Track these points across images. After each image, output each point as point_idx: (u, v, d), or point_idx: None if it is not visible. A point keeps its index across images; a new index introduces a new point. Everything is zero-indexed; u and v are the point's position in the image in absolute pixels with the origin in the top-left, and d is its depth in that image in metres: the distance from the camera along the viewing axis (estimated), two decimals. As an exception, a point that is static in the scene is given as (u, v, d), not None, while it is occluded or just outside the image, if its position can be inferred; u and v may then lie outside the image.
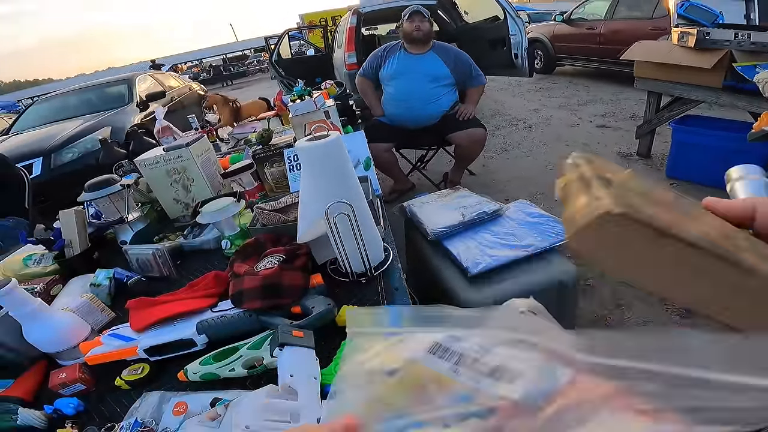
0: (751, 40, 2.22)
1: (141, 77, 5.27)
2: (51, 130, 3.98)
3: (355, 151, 1.32)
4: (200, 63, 27.48)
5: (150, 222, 1.36)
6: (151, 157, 1.38)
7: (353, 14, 4.55)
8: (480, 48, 4.44)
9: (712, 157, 2.59)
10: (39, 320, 0.83)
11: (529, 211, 1.56)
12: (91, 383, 0.81)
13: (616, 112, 4.70)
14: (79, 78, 50.17)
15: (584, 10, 6.61)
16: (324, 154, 0.81)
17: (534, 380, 0.23)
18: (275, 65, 5.99)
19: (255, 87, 15.11)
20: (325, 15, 11.84)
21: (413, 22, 2.51)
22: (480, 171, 3.50)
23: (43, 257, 1.24)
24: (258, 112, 2.53)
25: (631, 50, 3.06)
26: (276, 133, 1.95)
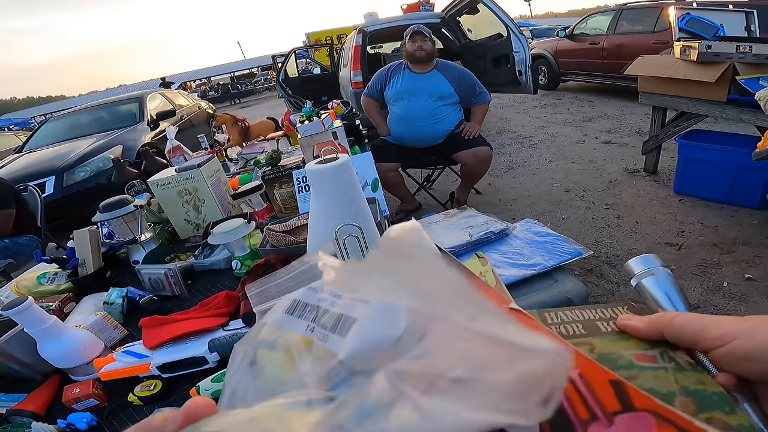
0: (753, 52, 2.24)
1: (151, 95, 5.38)
2: (63, 149, 4.05)
3: (362, 172, 1.34)
4: (209, 81, 27.98)
5: (162, 242, 1.39)
6: (163, 177, 1.41)
7: (359, 33, 4.63)
8: (484, 65, 4.51)
9: (720, 172, 2.60)
10: (54, 337, 0.85)
11: (536, 230, 1.57)
12: (104, 399, 0.83)
13: (621, 128, 4.72)
14: (91, 95, 51.16)
15: (586, 25, 6.69)
16: (333, 176, 0.83)
17: (363, 332, 0.21)
18: (283, 84, 6.09)
19: (262, 105, 15.33)
20: (331, 33, 12.05)
21: (415, 41, 2.54)
22: (486, 190, 3.52)
23: (56, 275, 1.26)
24: (266, 132, 2.57)
25: (635, 65, 3.08)
26: (284, 153, 1.98)
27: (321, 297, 0.26)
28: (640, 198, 2.97)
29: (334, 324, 0.23)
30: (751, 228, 2.38)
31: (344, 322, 0.23)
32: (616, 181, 3.31)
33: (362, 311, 0.23)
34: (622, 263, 2.27)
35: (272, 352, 0.24)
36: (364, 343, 0.22)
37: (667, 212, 2.71)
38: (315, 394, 0.20)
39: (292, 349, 0.24)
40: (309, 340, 0.24)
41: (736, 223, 2.45)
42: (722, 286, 1.99)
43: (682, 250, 2.30)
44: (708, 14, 2.69)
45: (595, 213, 2.87)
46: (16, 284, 1.24)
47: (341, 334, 0.23)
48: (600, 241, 2.52)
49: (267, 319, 0.26)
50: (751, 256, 2.15)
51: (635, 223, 2.65)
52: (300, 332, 0.24)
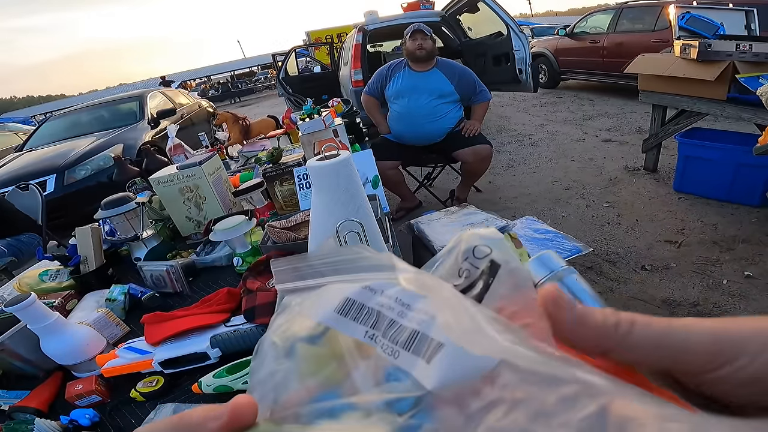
0: (752, 50, 2.25)
1: (152, 94, 5.38)
2: (64, 147, 4.07)
3: (363, 169, 1.34)
4: (209, 80, 27.98)
5: (163, 239, 1.39)
6: (164, 175, 1.41)
7: (359, 32, 4.63)
8: (484, 64, 4.51)
9: (719, 170, 2.60)
10: (57, 333, 0.86)
11: (536, 227, 1.58)
12: (106, 395, 0.83)
13: (621, 126, 4.72)
14: (91, 94, 51.14)
15: (587, 24, 6.69)
16: (335, 173, 0.83)
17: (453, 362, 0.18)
18: (283, 82, 6.09)
19: (262, 104, 15.33)
20: (331, 32, 12.05)
21: (416, 40, 2.54)
22: (486, 188, 3.52)
23: (58, 273, 1.27)
24: (267, 130, 2.58)
25: (635, 63, 3.08)
26: (285, 151, 1.98)
27: (382, 302, 0.21)
28: (640, 196, 2.98)
29: (408, 340, 0.19)
30: (751, 226, 2.38)
31: (422, 342, 0.19)
32: (616, 179, 3.31)
33: (447, 337, 0.19)
34: (622, 261, 2.27)
35: (318, 348, 0.21)
36: (455, 373, 0.18)
37: (667, 210, 2.72)
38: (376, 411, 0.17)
39: (344, 352, 0.20)
40: (368, 349, 0.20)
41: (735, 220, 2.46)
42: (722, 284, 1.99)
43: (682, 248, 2.30)
44: (708, 13, 2.69)
45: (595, 211, 2.87)
46: (18, 281, 1.24)
47: (419, 355, 0.19)
48: (600, 238, 2.53)
49: (309, 313, 0.22)
50: (751, 253, 2.16)
51: (635, 221, 2.65)
52: (357, 337, 0.20)
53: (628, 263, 2.25)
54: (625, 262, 2.26)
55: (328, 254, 0.24)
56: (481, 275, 0.22)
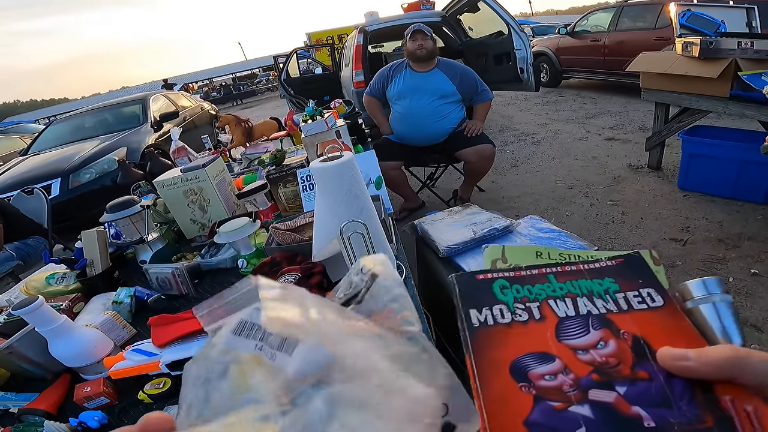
0: (754, 48, 2.24)
1: (154, 97, 5.41)
2: (68, 151, 4.09)
3: (366, 170, 1.35)
4: (211, 82, 28.08)
5: (168, 242, 1.40)
6: (168, 178, 1.42)
7: (359, 33, 4.64)
8: (485, 63, 4.51)
9: (724, 167, 2.59)
10: (65, 336, 0.86)
11: (540, 227, 1.57)
12: (114, 397, 0.84)
13: (624, 124, 4.71)
14: (94, 98, 51.35)
15: (587, 22, 6.68)
16: (338, 174, 0.84)
17: (306, 352, 0.25)
18: (284, 84, 6.11)
19: (264, 106, 15.37)
20: (332, 33, 12.06)
21: (416, 40, 2.55)
22: (489, 187, 3.52)
23: (65, 276, 1.28)
24: (270, 132, 2.58)
25: (636, 61, 3.08)
26: (288, 153, 1.99)
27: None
28: (645, 194, 2.97)
29: (280, 344, 0.27)
30: (757, 223, 2.37)
31: (289, 343, 0.27)
32: (619, 178, 3.30)
33: (304, 335, 0.27)
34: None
35: (225, 369, 0.27)
36: (306, 362, 0.26)
37: (672, 208, 2.71)
38: (269, 409, 0.24)
39: (243, 366, 0.26)
40: (258, 358, 0.26)
41: (741, 218, 2.45)
42: (728, 282, 1.98)
43: (687, 246, 2.30)
44: (709, 10, 2.68)
45: (599, 209, 2.87)
46: (26, 285, 1.25)
47: (287, 353, 0.26)
48: (604, 237, 2.52)
49: (216, 339, 0.28)
50: (757, 251, 2.15)
51: (640, 219, 2.65)
52: (249, 351, 0.27)
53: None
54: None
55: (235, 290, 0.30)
56: (365, 284, 0.31)
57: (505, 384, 0.28)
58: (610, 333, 0.30)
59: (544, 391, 0.27)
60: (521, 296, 0.33)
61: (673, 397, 0.25)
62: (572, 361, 0.29)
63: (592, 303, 0.32)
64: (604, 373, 0.28)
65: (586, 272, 0.35)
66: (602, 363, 0.28)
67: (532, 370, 0.28)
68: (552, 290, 0.34)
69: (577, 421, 0.25)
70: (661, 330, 0.30)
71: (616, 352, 0.29)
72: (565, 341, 0.30)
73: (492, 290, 0.34)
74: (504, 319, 0.32)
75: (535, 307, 0.33)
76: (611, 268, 0.35)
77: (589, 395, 0.26)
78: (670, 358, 0.26)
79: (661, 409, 0.25)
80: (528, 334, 0.31)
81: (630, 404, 0.26)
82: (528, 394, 0.27)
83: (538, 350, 0.30)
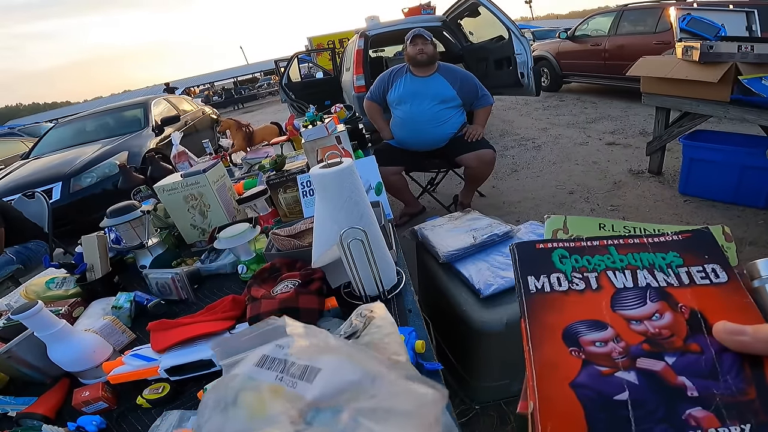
0: (755, 52, 2.24)
1: (156, 101, 5.43)
2: (70, 155, 4.10)
3: (366, 176, 1.35)
4: (212, 86, 28.16)
5: (168, 247, 1.40)
6: (168, 183, 1.42)
7: (360, 37, 4.65)
8: (486, 68, 4.52)
9: (725, 172, 2.59)
10: (64, 341, 0.86)
11: (541, 232, 1.57)
12: (113, 402, 0.84)
13: (625, 129, 4.71)
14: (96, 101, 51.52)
15: (588, 27, 6.70)
16: (338, 180, 0.84)
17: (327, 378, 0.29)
18: (285, 89, 6.12)
19: (265, 110, 15.40)
20: (333, 38, 12.11)
21: (416, 45, 2.55)
22: (490, 192, 3.52)
23: (65, 280, 1.28)
24: (270, 137, 2.59)
25: (637, 66, 3.08)
26: (288, 158, 1.99)
27: (288, 353, 0.33)
28: (645, 199, 2.97)
29: (302, 373, 0.30)
30: (758, 228, 2.37)
31: (310, 372, 0.30)
32: (620, 183, 3.30)
33: (325, 363, 0.31)
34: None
35: (245, 397, 0.30)
36: (329, 385, 0.29)
37: (673, 213, 2.70)
38: (287, 429, 0.28)
39: (263, 394, 0.30)
40: (278, 388, 0.30)
41: (742, 223, 2.44)
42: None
43: (688, 251, 2.29)
44: (709, 14, 2.69)
45: (600, 215, 2.86)
46: (25, 289, 1.25)
47: (308, 381, 0.30)
48: (604, 242, 2.51)
49: (238, 370, 0.32)
50: (758, 256, 2.08)
51: (640, 224, 2.64)
52: (270, 381, 0.30)
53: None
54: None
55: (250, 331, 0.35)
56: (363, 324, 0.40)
57: (556, 348, 0.29)
58: (667, 306, 0.30)
59: (594, 356, 0.28)
60: (580, 266, 0.34)
61: (721, 370, 0.26)
62: (624, 330, 0.29)
63: (652, 276, 0.33)
64: (655, 344, 0.28)
65: (650, 246, 0.35)
66: (655, 334, 0.29)
67: (583, 336, 0.29)
68: (612, 262, 0.34)
69: (621, 385, 0.26)
70: (720, 305, 0.30)
71: (670, 324, 0.29)
72: (620, 311, 0.31)
73: (551, 259, 0.34)
74: (561, 287, 0.33)
75: (593, 277, 0.33)
76: (677, 243, 0.35)
77: (636, 363, 0.27)
78: (725, 332, 0.27)
79: (707, 381, 0.26)
80: (583, 303, 0.31)
81: (676, 374, 0.26)
82: (577, 359, 0.28)
83: (591, 318, 0.30)
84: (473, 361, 1.45)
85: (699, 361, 0.27)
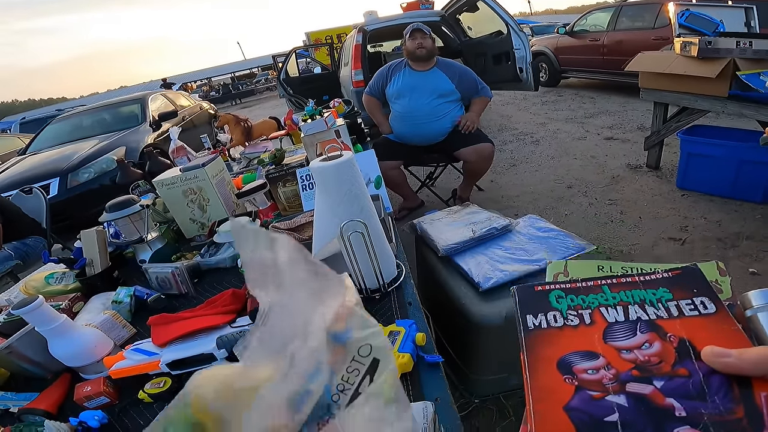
0: (753, 48, 2.24)
1: (153, 96, 5.40)
2: (67, 150, 4.08)
3: (365, 169, 1.35)
4: (209, 81, 28.02)
5: (168, 241, 1.40)
6: (167, 177, 1.42)
7: (359, 32, 4.63)
8: (484, 63, 4.51)
9: (722, 167, 2.60)
10: (65, 336, 0.86)
11: (539, 226, 1.58)
12: (114, 396, 0.84)
13: (623, 124, 4.71)
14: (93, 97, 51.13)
15: (586, 22, 6.68)
16: (338, 173, 0.84)
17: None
18: (284, 84, 6.10)
19: (263, 105, 15.34)
20: (331, 33, 12.06)
21: (415, 39, 2.54)
22: (489, 186, 3.52)
23: (64, 275, 1.28)
24: (269, 132, 2.58)
25: (635, 61, 3.08)
26: (287, 152, 1.99)
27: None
28: (643, 193, 2.97)
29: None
30: (755, 222, 2.38)
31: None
32: (618, 177, 3.31)
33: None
34: (625, 258, 2.27)
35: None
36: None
37: (671, 207, 2.71)
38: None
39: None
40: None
41: (739, 217, 2.45)
42: (726, 281, 1.98)
43: (686, 245, 2.30)
44: (707, 10, 2.68)
45: (598, 209, 2.87)
46: (25, 285, 1.25)
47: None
48: (603, 236, 2.53)
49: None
50: (755, 250, 2.15)
51: (638, 219, 2.65)
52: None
53: (632, 261, 2.24)
54: (629, 260, 2.25)
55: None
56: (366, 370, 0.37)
57: (551, 376, 0.31)
58: (657, 336, 0.32)
59: (586, 383, 0.30)
60: (575, 304, 0.37)
61: (708, 391, 0.27)
62: (615, 358, 0.31)
63: (643, 310, 0.35)
64: (644, 370, 0.30)
65: (641, 283, 0.37)
66: (644, 361, 0.30)
67: (576, 365, 0.32)
68: (605, 299, 0.36)
69: (612, 408, 0.28)
70: (709, 334, 0.31)
71: (659, 352, 0.31)
72: (611, 342, 0.33)
73: (548, 299, 0.37)
74: (557, 323, 0.35)
75: (587, 314, 0.35)
76: (666, 279, 0.37)
77: (626, 387, 0.29)
78: (712, 354, 0.29)
79: (694, 401, 0.27)
80: (577, 336, 0.34)
81: (665, 396, 0.28)
82: (571, 385, 0.30)
83: (584, 349, 0.32)
84: (472, 355, 1.45)
85: (687, 384, 0.28)
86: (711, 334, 0.31)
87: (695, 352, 0.30)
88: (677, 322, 0.33)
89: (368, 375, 0.36)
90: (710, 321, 0.32)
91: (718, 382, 0.27)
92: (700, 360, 0.29)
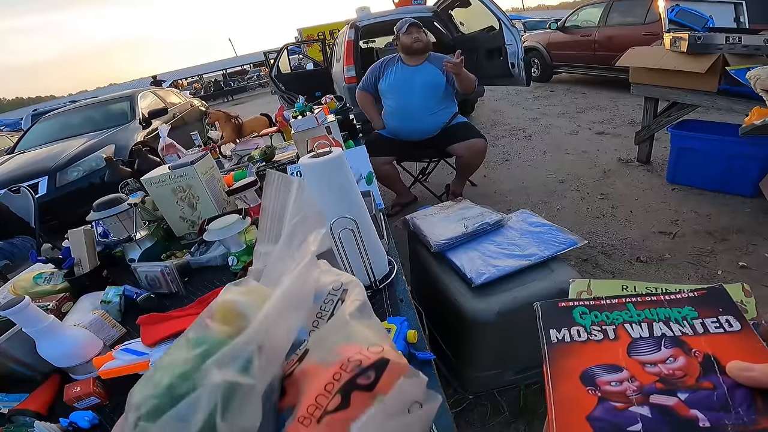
0: (742, 43, 2.26)
1: (142, 94, 5.34)
2: (55, 149, 4.02)
3: (356, 166, 1.34)
4: (200, 78, 27.75)
5: (157, 240, 1.38)
6: (156, 175, 1.40)
7: (351, 28, 4.61)
8: (477, 58, 4.50)
9: (712, 161, 2.62)
10: (53, 336, 0.85)
11: (532, 221, 1.58)
12: (105, 397, 0.83)
13: (614, 119, 4.74)
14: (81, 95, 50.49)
15: (578, 18, 6.70)
16: (327, 170, 0.83)
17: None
18: (275, 80, 6.06)
19: (255, 102, 15.24)
20: (323, 29, 11.97)
21: (411, 34, 2.54)
22: (481, 182, 3.53)
23: (52, 275, 1.26)
24: (260, 128, 2.56)
25: (626, 57, 3.10)
26: (278, 149, 1.97)
27: None
28: (634, 188, 2.99)
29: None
30: (745, 216, 2.40)
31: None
32: (609, 172, 3.33)
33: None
34: (617, 252, 2.29)
35: None
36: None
37: (661, 201, 2.73)
38: None
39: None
40: None
41: (729, 211, 2.48)
42: (717, 275, 2.01)
43: (677, 239, 2.32)
44: (697, 5, 2.70)
45: (590, 203, 2.89)
46: (13, 285, 1.23)
47: None
48: (595, 230, 2.54)
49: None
50: (745, 243, 2.18)
51: (629, 213, 2.67)
52: None
53: (624, 255, 2.26)
54: (621, 254, 2.28)
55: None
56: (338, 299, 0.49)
57: (574, 387, 0.31)
58: (681, 351, 0.32)
59: (609, 394, 0.30)
60: (599, 320, 0.36)
61: (733, 403, 0.27)
62: (639, 372, 0.31)
63: (668, 327, 0.35)
64: (668, 383, 0.30)
65: (666, 302, 0.37)
66: (668, 375, 0.31)
67: (599, 377, 0.32)
68: (629, 316, 0.36)
69: (635, 418, 0.28)
70: (733, 350, 0.31)
71: (683, 366, 0.31)
72: (636, 356, 0.33)
73: (572, 315, 0.37)
74: (580, 338, 0.35)
75: (611, 329, 0.35)
76: (692, 299, 0.37)
77: (650, 399, 0.29)
78: (737, 368, 0.29)
79: (718, 413, 0.27)
80: (601, 350, 0.34)
81: (689, 407, 0.28)
82: (593, 396, 0.30)
83: (608, 362, 0.33)
84: (466, 351, 1.46)
85: (711, 396, 0.28)
86: (736, 350, 0.31)
87: (720, 366, 0.30)
88: (702, 339, 0.33)
89: (340, 301, 0.45)
90: (735, 338, 0.32)
91: (742, 395, 0.28)
92: (725, 374, 0.29)
